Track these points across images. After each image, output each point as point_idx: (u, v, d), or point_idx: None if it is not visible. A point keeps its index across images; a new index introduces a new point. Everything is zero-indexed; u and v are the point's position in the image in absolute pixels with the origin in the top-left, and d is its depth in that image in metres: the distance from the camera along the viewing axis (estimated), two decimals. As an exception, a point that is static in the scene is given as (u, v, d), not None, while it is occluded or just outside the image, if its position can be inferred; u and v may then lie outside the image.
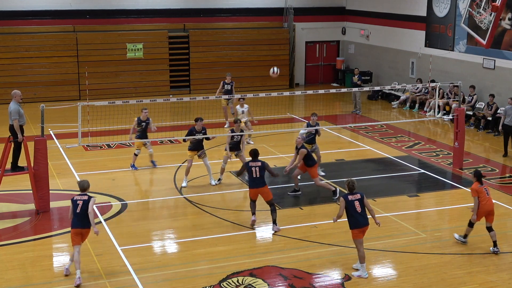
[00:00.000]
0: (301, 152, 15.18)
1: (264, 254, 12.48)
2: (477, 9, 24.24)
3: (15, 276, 11.60)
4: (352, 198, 11.42)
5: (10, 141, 14.57)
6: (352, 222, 11.43)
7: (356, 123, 24.12)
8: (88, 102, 17.75)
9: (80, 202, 11.26)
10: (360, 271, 11.56)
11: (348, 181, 11.60)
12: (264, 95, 18.44)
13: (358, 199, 11.43)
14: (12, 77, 27.23)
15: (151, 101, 16.89)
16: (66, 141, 19.66)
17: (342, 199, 11.48)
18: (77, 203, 11.27)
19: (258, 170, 13.60)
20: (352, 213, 11.38)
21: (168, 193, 15.91)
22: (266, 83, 30.41)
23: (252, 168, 13.62)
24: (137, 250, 12.69)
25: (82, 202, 11.26)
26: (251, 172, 13.63)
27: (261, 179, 13.64)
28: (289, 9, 31.17)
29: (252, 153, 13.88)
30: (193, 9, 30.22)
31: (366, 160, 19.21)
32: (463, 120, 18.14)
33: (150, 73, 29.22)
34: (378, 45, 30.39)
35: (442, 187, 16.87)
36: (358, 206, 11.39)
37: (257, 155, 13.87)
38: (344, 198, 11.45)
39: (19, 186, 16.20)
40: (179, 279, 11.45)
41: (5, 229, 13.71)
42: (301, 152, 15.17)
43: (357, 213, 11.37)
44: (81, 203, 11.24)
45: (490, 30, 23.63)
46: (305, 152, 15.16)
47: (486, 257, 12.36)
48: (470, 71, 24.63)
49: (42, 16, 28.22)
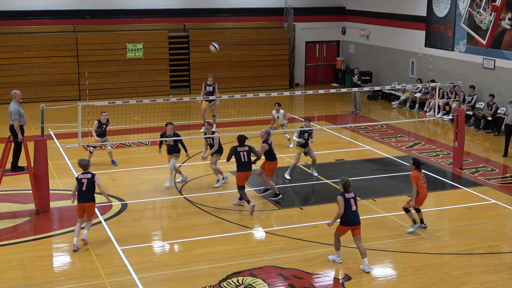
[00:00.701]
0: (262, 146, 15.28)
1: (264, 254, 12.48)
2: (477, 9, 24.24)
3: (15, 276, 11.60)
4: (349, 197, 11.64)
5: (10, 141, 14.57)
6: (344, 220, 11.65)
7: (356, 123, 24.12)
8: (88, 102, 17.75)
9: (84, 180, 12.46)
10: (335, 256, 12.10)
11: (344, 179, 11.78)
12: (264, 95, 18.45)
13: (353, 197, 11.67)
14: (12, 77, 27.24)
15: (151, 101, 16.89)
16: (66, 141, 19.67)
17: (340, 198, 11.60)
18: (82, 182, 12.48)
19: (246, 154, 14.49)
20: (347, 211, 11.58)
21: (168, 193, 15.91)
22: (266, 83, 30.44)
23: (240, 153, 14.48)
24: (137, 250, 12.69)
25: (87, 180, 12.48)
26: (240, 157, 14.46)
27: (249, 163, 14.58)
28: (289, 9, 31.17)
29: (240, 139, 14.70)
30: (193, 9, 30.23)
31: (366, 160, 19.21)
32: (463, 120, 18.14)
33: (150, 73, 29.22)
34: (378, 45, 30.39)
35: (442, 187, 16.87)
36: (353, 205, 11.62)
37: (244, 140, 14.69)
38: (342, 196, 11.62)
39: (19, 186, 16.20)
40: (179, 279, 11.45)
41: (5, 229, 13.72)
42: (262, 147, 15.28)
43: (351, 211, 11.60)
44: (86, 181, 12.47)
45: (490, 30, 23.63)
46: (266, 147, 15.26)
47: (486, 257, 12.36)
48: (470, 71, 24.63)
49: (42, 16, 28.23)
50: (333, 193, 16.00)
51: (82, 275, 11.54)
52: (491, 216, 14.63)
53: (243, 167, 14.53)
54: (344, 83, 31.63)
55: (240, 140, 14.73)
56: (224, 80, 29.82)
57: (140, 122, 23.17)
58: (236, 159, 14.55)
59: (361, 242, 11.75)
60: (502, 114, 22.18)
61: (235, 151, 14.58)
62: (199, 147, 18.75)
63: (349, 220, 11.60)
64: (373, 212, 14.70)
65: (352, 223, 11.62)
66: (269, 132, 15.65)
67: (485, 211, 14.92)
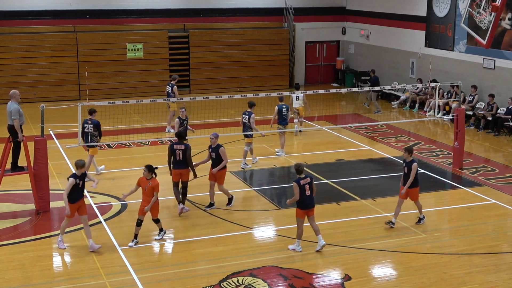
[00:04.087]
0: (221, 150, 14.56)
1: (264, 254, 12.48)
2: (477, 9, 24.24)
3: (15, 276, 11.60)
4: (304, 183, 12.26)
5: (10, 141, 14.57)
6: (300, 204, 12.32)
7: (356, 123, 24.10)
8: (88, 102, 17.76)
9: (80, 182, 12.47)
10: (295, 245, 12.50)
11: (297, 164, 12.43)
12: (264, 95, 18.46)
13: (308, 183, 12.33)
14: (12, 77, 27.24)
15: (151, 101, 16.88)
16: (66, 141, 19.66)
17: (296, 184, 12.21)
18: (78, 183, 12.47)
19: (181, 153, 14.21)
20: (302, 195, 12.22)
21: (168, 193, 15.90)
22: (266, 83, 30.44)
23: (176, 151, 14.26)
24: (137, 250, 12.69)
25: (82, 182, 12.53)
26: (175, 155, 14.30)
27: (184, 162, 14.25)
28: (289, 9, 31.17)
29: (178, 136, 14.57)
30: (193, 9, 30.23)
31: (366, 160, 19.21)
32: (463, 120, 18.14)
33: (150, 73, 29.22)
34: (378, 45, 30.39)
35: (442, 187, 16.87)
36: (308, 190, 12.30)
37: (181, 137, 14.52)
38: (297, 182, 12.22)
39: (19, 186, 16.20)
40: (179, 279, 11.45)
41: (5, 229, 13.71)
42: (222, 151, 14.55)
43: (305, 196, 12.26)
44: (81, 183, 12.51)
45: (490, 30, 23.63)
46: (225, 151, 14.68)
47: (486, 257, 12.36)
48: (470, 71, 24.63)
49: (42, 16, 28.23)
50: (333, 193, 16.04)
51: (82, 275, 11.54)
52: (491, 216, 14.63)
53: (176, 165, 14.36)
54: (344, 83, 31.63)
55: (178, 137, 14.60)
56: (224, 80, 29.88)
57: (140, 122, 23.16)
58: (173, 156, 14.38)
59: (314, 221, 12.48)
60: (502, 114, 22.19)
61: (171, 148, 14.39)
62: (199, 147, 18.76)
63: (305, 204, 12.30)
64: (373, 212, 14.69)
65: (307, 206, 12.32)
66: (217, 135, 14.93)
67: (485, 211, 14.91)
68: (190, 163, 14.37)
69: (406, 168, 13.54)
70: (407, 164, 13.52)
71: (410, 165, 13.44)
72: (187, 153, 14.27)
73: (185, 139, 15.10)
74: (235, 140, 20.89)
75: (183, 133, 14.87)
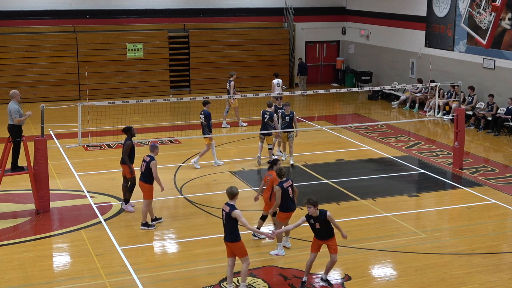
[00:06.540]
0: (153, 163, 13.67)
1: (264, 254, 12.48)
2: (477, 9, 24.24)
3: (15, 276, 11.60)
4: (286, 186, 12.17)
5: (10, 141, 14.57)
6: (283, 207, 12.21)
7: (356, 123, 24.10)
8: (88, 102, 17.77)
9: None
10: (277, 250, 12.38)
11: (279, 168, 12.31)
12: (264, 95, 18.45)
13: (290, 185, 12.25)
14: (12, 77, 27.23)
15: (151, 101, 16.88)
16: (66, 141, 19.66)
17: (278, 188, 12.09)
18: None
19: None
20: (285, 199, 12.14)
21: (168, 193, 15.90)
22: (266, 83, 30.38)
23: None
24: (137, 250, 12.69)
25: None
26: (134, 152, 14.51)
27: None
28: (289, 9, 31.17)
29: (125, 130, 14.63)
30: (193, 9, 30.22)
31: (366, 160, 19.20)
32: (463, 120, 18.14)
33: (150, 73, 29.22)
34: (378, 45, 30.38)
35: (442, 187, 16.87)
36: (291, 192, 12.24)
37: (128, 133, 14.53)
38: (280, 186, 12.12)
39: (19, 186, 16.20)
40: (179, 279, 11.45)
41: (5, 229, 13.71)
42: (153, 164, 13.66)
43: (289, 199, 12.21)
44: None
45: (490, 30, 23.63)
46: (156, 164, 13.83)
47: (486, 257, 12.36)
48: (470, 71, 24.63)
49: (42, 16, 28.23)
50: (333, 193, 16.03)
51: (82, 275, 11.54)
52: (491, 216, 14.63)
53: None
54: (344, 83, 31.62)
55: (126, 132, 14.62)
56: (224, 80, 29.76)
57: (140, 122, 23.16)
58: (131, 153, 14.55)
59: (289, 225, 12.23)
60: (502, 114, 22.20)
61: (132, 145, 14.57)
62: (199, 147, 18.76)
63: (288, 207, 12.25)
64: (373, 212, 14.69)
65: (291, 209, 12.28)
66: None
67: (485, 211, 14.91)
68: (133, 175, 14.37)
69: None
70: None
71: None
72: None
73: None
74: (235, 140, 20.91)
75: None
